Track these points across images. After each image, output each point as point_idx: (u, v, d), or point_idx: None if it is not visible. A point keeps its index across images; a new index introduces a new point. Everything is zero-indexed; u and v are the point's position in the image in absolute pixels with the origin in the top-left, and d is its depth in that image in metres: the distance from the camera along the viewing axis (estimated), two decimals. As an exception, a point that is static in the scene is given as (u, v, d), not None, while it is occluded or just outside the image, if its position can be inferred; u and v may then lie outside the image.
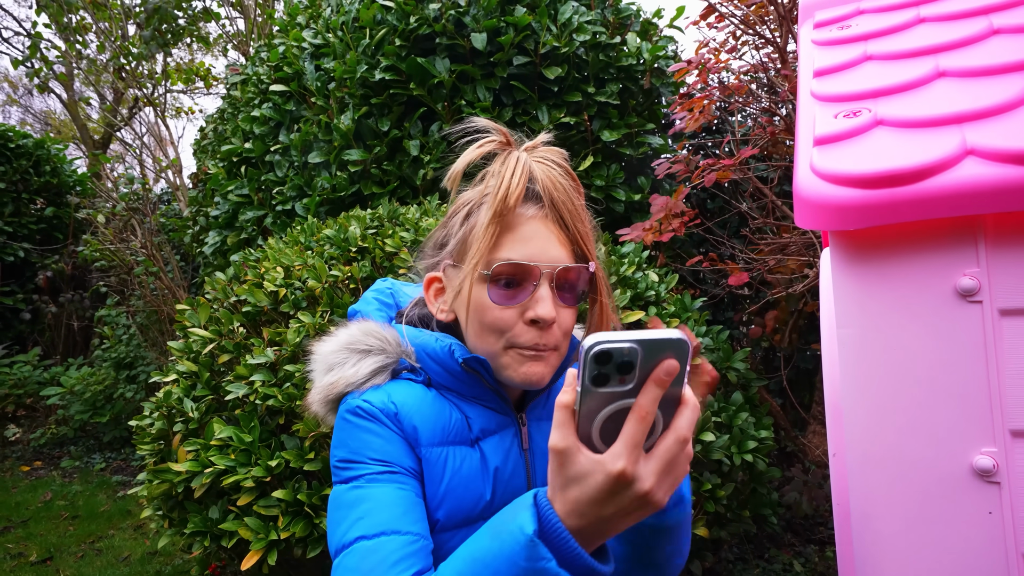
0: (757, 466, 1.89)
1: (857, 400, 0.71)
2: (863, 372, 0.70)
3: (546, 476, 0.92)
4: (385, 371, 0.85)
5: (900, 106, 0.73)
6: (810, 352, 3.52)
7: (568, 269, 0.82)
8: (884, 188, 0.63)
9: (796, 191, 0.71)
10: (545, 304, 0.79)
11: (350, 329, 0.87)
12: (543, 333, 0.80)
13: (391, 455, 0.80)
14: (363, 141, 2.99)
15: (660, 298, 2.00)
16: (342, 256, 1.94)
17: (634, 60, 3.12)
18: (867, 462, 0.71)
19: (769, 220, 2.46)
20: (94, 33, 5.20)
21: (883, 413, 0.69)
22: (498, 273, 0.80)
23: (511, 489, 0.89)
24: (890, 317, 0.67)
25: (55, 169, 6.51)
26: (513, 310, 0.80)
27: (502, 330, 0.80)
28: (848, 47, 0.91)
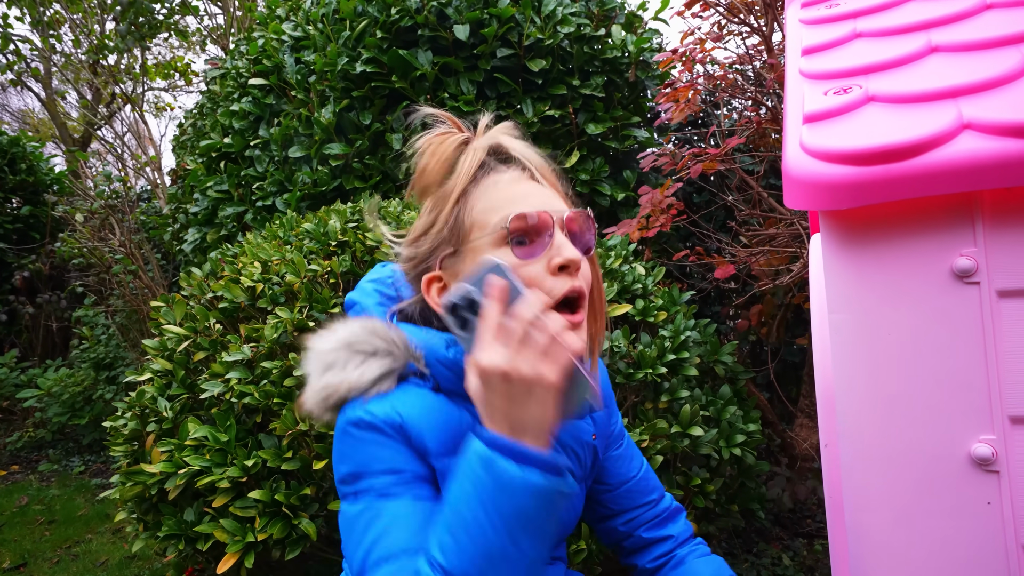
0: (745, 460, 1.87)
1: (850, 388, 0.69)
2: (856, 359, 0.67)
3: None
4: (392, 376, 0.79)
5: (892, 82, 0.70)
6: (796, 346, 3.51)
7: (573, 216, 0.81)
8: (877, 164, 0.60)
9: (785, 170, 0.68)
10: (568, 247, 0.77)
11: (351, 326, 0.82)
12: (573, 277, 0.77)
13: (402, 463, 0.75)
14: (344, 135, 2.94)
15: (647, 291, 1.98)
16: (321, 250, 1.90)
17: (619, 53, 3.09)
18: (860, 452, 0.68)
19: (756, 212, 2.45)
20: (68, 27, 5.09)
21: (877, 401, 0.66)
22: (514, 230, 0.76)
23: None
24: (884, 300, 0.64)
25: (31, 167, 6.37)
26: (538, 263, 0.76)
27: (531, 285, 0.75)
28: (837, 25, 0.89)
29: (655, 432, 1.66)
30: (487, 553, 0.64)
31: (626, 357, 1.76)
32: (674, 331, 1.85)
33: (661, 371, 1.72)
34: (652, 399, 1.77)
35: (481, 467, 0.66)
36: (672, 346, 1.81)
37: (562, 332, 0.68)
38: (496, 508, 0.64)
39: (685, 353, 1.81)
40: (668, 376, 1.80)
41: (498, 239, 0.77)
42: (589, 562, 1.60)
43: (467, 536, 0.65)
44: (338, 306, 1.71)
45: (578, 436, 0.95)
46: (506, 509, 0.64)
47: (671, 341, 1.82)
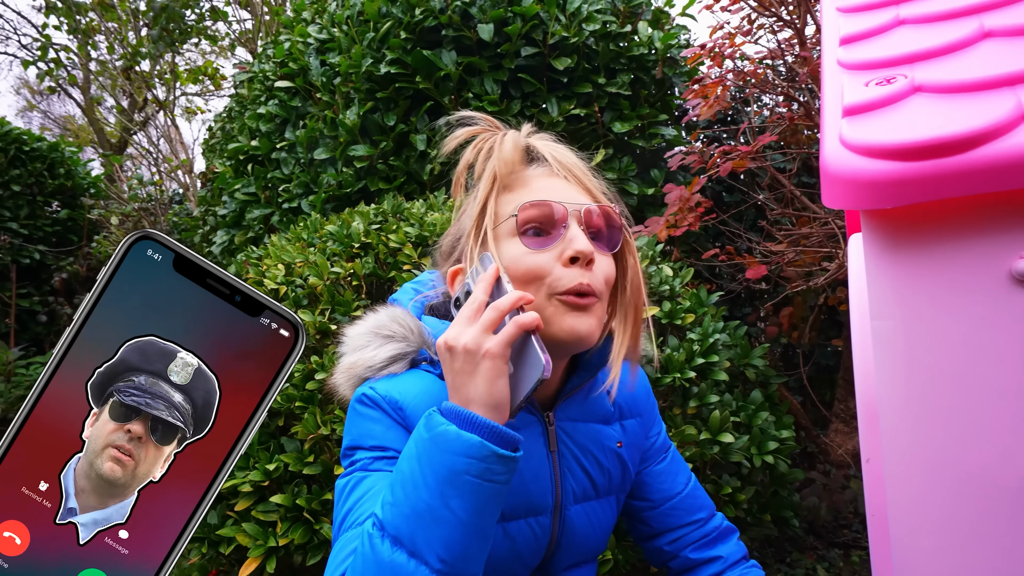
0: (778, 468, 1.80)
1: (895, 401, 0.64)
2: (902, 369, 0.62)
3: (578, 482, 0.87)
4: (404, 359, 0.84)
5: (941, 70, 0.65)
6: (830, 348, 3.41)
7: (594, 210, 0.79)
8: (926, 159, 0.55)
9: (823, 167, 0.63)
10: (581, 239, 0.75)
11: (379, 314, 0.86)
12: (585, 272, 0.76)
13: (390, 441, 0.78)
14: (369, 136, 2.94)
15: (675, 293, 1.92)
16: (344, 252, 1.89)
17: (646, 49, 3.03)
18: (907, 470, 0.63)
19: (788, 211, 2.37)
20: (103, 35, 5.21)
21: (925, 415, 0.61)
22: (525, 220, 0.77)
23: (532, 492, 0.83)
24: (933, 306, 0.59)
25: (69, 172, 6.54)
26: (548, 253, 0.76)
27: (540, 276, 0.76)
28: (878, 12, 0.83)
29: (683, 439, 1.61)
30: (416, 508, 0.65)
31: (653, 361, 1.71)
32: (703, 334, 1.80)
33: (690, 375, 1.67)
34: (680, 404, 1.72)
35: (424, 426, 0.68)
36: (701, 349, 1.76)
37: (515, 308, 0.70)
38: (430, 464, 0.65)
39: (714, 357, 1.76)
40: (697, 380, 1.75)
41: (512, 229, 0.77)
42: (616, 572, 1.55)
43: (402, 491, 0.67)
44: (360, 309, 1.69)
45: (599, 440, 0.91)
46: (439, 465, 0.65)
47: (700, 344, 1.77)
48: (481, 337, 0.69)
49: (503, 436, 0.67)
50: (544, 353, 0.69)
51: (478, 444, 0.65)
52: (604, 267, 0.79)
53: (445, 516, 0.64)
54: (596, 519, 0.90)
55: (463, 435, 0.65)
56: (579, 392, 0.89)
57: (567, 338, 0.76)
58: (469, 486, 0.65)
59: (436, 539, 0.64)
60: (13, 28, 11.63)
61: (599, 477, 0.90)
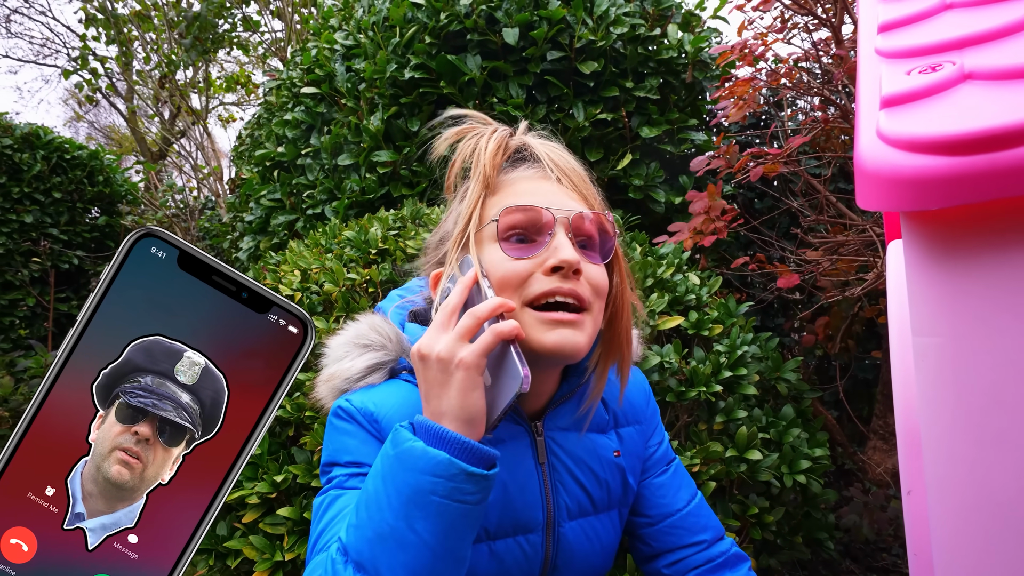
0: (811, 488, 1.70)
1: (939, 426, 0.56)
2: (949, 393, 0.55)
3: (572, 496, 0.81)
4: (382, 368, 0.80)
5: (995, 55, 0.58)
6: (869, 360, 3.27)
7: (584, 216, 0.74)
8: (979, 153, 0.48)
9: (858, 163, 0.56)
10: (566, 248, 0.70)
11: (359, 323, 0.83)
12: (566, 280, 0.70)
13: (365, 456, 0.74)
14: (393, 142, 2.92)
15: (702, 302, 1.84)
16: (362, 259, 1.85)
17: (675, 53, 2.96)
18: (954, 504, 0.56)
19: (822, 218, 2.27)
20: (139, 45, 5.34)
21: (976, 445, 0.54)
22: (508, 226, 0.72)
23: (519, 508, 0.78)
24: (986, 323, 0.52)
25: (108, 179, 6.71)
26: (529, 261, 0.71)
27: (515, 284, 0.71)
28: (921, -3, 0.76)
29: (708, 456, 1.53)
30: (379, 531, 0.61)
31: (678, 374, 1.63)
32: (730, 346, 1.71)
33: (716, 389, 1.59)
34: (706, 419, 1.64)
35: (390, 441, 0.64)
36: (728, 362, 1.67)
37: (495, 316, 0.66)
38: (394, 483, 0.61)
39: (743, 370, 1.67)
40: (724, 395, 1.66)
41: (494, 234, 0.73)
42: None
43: (367, 512, 0.62)
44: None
45: (595, 451, 0.85)
46: (402, 484, 0.61)
47: (727, 357, 1.69)
48: (455, 346, 0.65)
49: (475, 452, 0.62)
50: (523, 365, 0.64)
51: (446, 462, 0.61)
52: (595, 276, 0.74)
53: (410, 539, 0.60)
54: (595, 536, 0.84)
55: (429, 451, 0.61)
56: (570, 400, 0.84)
57: (552, 350, 0.71)
58: (435, 507, 0.60)
59: (399, 565, 0.59)
60: (63, 42, 12.04)
61: (596, 491, 0.84)
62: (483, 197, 0.76)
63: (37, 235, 6.02)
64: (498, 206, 0.74)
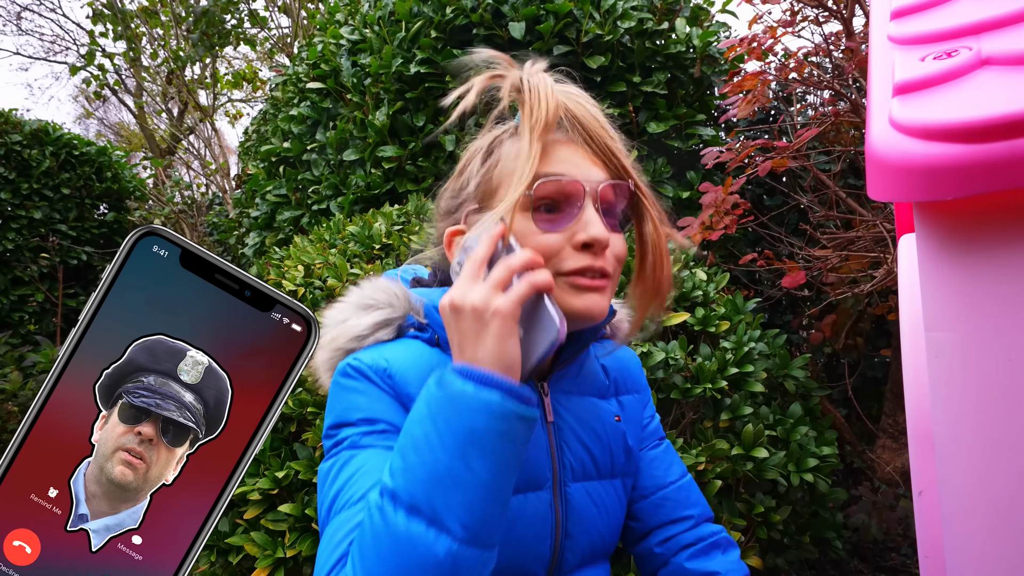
0: (818, 487, 1.68)
1: (954, 426, 0.54)
2: (965, 391, 0.53)
3: (576, 457, 0.80)
4: (390, 325, 0.78)
5: (1015, 40, 0.56)
6: (878, 358, 3.23)
7: (609, 188, 0.73)
8: (998, 140, 0.46)
9: (869, 152, 0.55)
10: (596, 224, 0.70)
11: (362, 288, 0.81)
12: (596, 257, 0.71)
13: (379, 412, 0.71)
14: (398, 137, 2.90)
15: (709, 299, 1.82)
16: (365, 254, 1.84)
17: (683, 47, 2.93)
18: (968, 508, 0.54)
19: (832, 214, 2.24)
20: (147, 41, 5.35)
21: (992, 444, 0.52)
22: (539, 195, 0.71)
23: (531, 463, 0.77)
24: (1003, 316, 0.50)
25: (116, 175, 6.73)
26: (559, 235, 0.71)
27: (547, 257, 0.70)
28: (936, -17, 0.74)
29: (714, 453, 1.51)
30: (434, 471, 0.59)
31: (683, 370, 1.61)
32: (737, 342, 1.69)
33: (722, 386, 1.57)
34: (712, 417, 1.62)
35: (436, 385, 0.63)
36: (735, 359, 1.65)
37: (526, 267, 0.65)
38: (447, 425, 0.60)
39: (749, 367, 1.65)
40: (730, 392, 1.64)
41: (523, 203, 0.71)
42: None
43: (416, 455, 0.60)
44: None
45: (597, 414, 0.85)
46: (457, 426, 0.60)
47: (734, 353, 1.66)
48: (490, 294, 0.63)
49: (521, 395, 0.62)
50: (559, 314, 0.64)
51: (498, 402, 0.60)
52: (616, 246, 0.74)
53: (467, 479, 0.59)
54: (601, 503, 0.83)
55: (482, 392, 0.60)
56: (572, 365, 0.83)
57: (578, 315, 0.71)
58: (491, 445, 0.60)
59: (458, 504, 0.58)
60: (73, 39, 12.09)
61: (600, 453, 0.84)
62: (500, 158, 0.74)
63: (46, 231, 6.05)
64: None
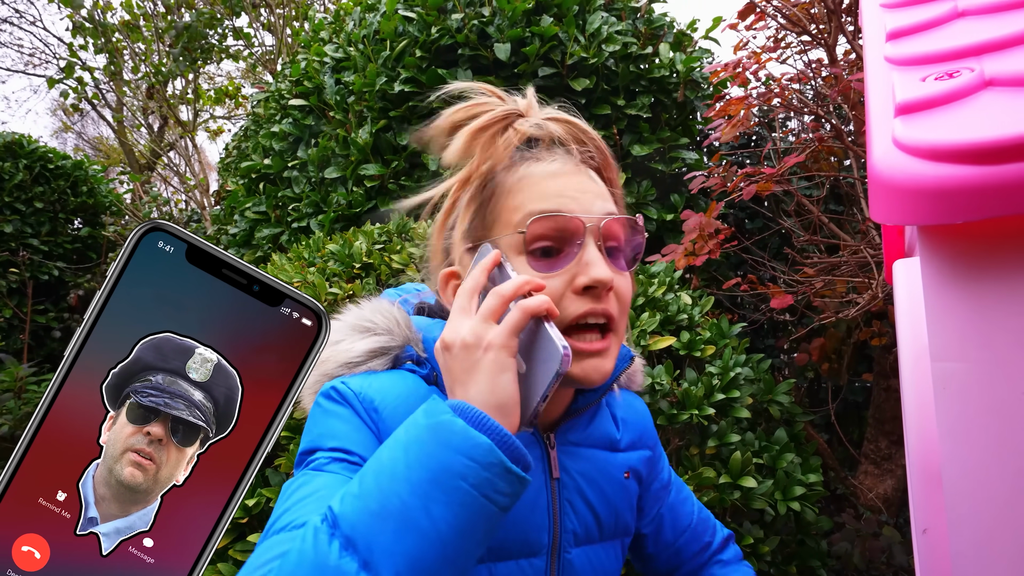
0: (805, 516, 1.65)
1: (964, 460, 0.52)
2: (975, 423, 0.50)
3: (580, 519, 0.75)
4: (387, 355, 0.71)
5: (1018, 61, 0.54)
6: (859, 384, 3.24)
7: (616, 222, 0.67)
8: (1010, 162, 0.44)
9: (872, 174, 0.52)
10: (598, 265, 0.64)
11: (361, 307, 0.75)
12: (598, 300, 0.65)
13: (355, 444, 0.64)
14: (381, 155, 2.88)
15: (694, 322, 1.80)
16: (345, 273, 1.80)
17: (667, 72, 2.95)
18: (982, 549, 0.51)
19: (815, 238, 2.24)
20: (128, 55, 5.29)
21: (1008, 483, 0.49)
22: (533, 236, 0.64)
23: (528, 527, 0.70)
24: (1017, 346, 0.48)
25: (92, 190, 6.61)
26: (558, 279, 0.65)
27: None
28: (931, 5, 0.73)
29: (701, 482, 1.48)
30: (386, 505, 0.51)
31: (669, 396, 1.58)
32: (723, 367, 1.67)
33: (708, 412, 1.54)
34: (698, 444, 1.59)
35: (423, 413, 0.56)
36: (721, 384, 1.63)
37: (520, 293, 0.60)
38: (419, 456, 0.52)
39: (735, 392, 1.63)
40: (716, 418, 1.62)
41: (516, 245, 0.65)
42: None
43: (374, 481, 0.53)
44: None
45: (606, 470, 0.78)
46: (429, 460, 0.52)
47: (720, 379, 1.64)
48: (481, 327, 0.58)
49: (515, 450, 0.54)
50: (561, 340, 0.58)
51: (486, 447, 0.52)
52: (623, 289, 0.68)
53: (422, 525, 0.50)
54: (600, 566, 0.77)
55: (471, 432, 0.53)
56: (583, 415, 0.77)
57: (578, 383, 0.66)
58: (461, 494, 0.51)
59: (401, 552, 0.50)
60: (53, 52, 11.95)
61: (605, 514, 0.77)
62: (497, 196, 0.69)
63: (16, 245, 5.90)
64: (521, 209, 0.66)
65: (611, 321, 0.66)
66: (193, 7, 4.52)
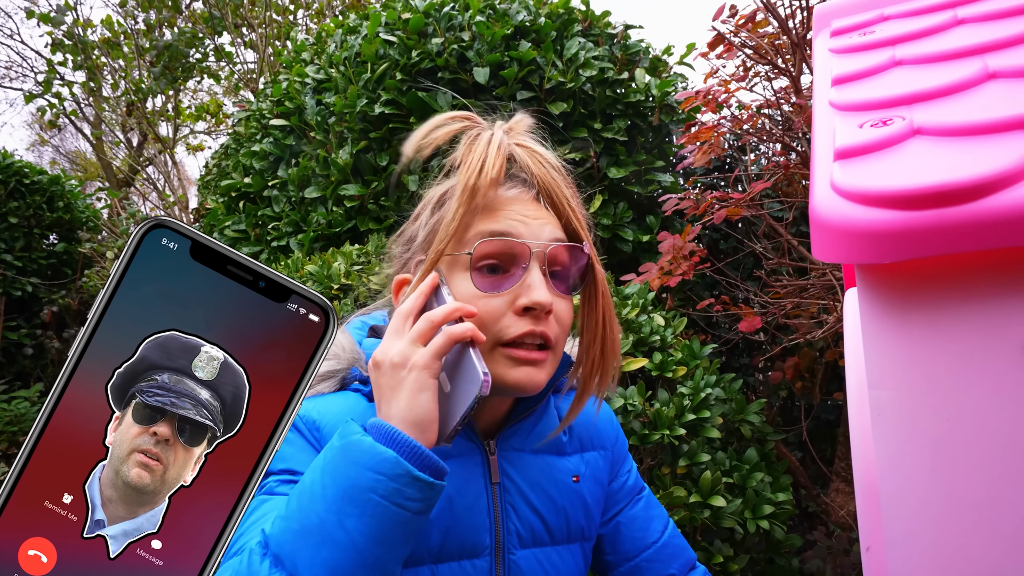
0: (775, 534, 1.69)
1: (899, 484, 0.55)
2: (908, 448, 0.54)
3: (524, 522, 0.77)
4: (333, 377, 0.77)
5: (944, 112, 0.59)
6: (831, 401, 3.30)
7: (561, 249, 0.72)
8: (930, 208, 0.48)
9: (813, 215, 0.56)
10: (539, 289, 0.69)
11: None
12: (538, 322, 0.69)
13: (301, 465, 0.69)
14: (361, 176, 2.90)
15: (666, 343, 1.84)
16: (324, 293, 1.81)
17: (642, 96, 3.03)
18: (916, 566, 0.54)
19: (785, 261, 2.31)
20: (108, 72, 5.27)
21: (937, 504, 0.53)
22: (481, 255, 0.69)
23: (466, 530, 0.73)
24: (945, 376, 0.52)
25: (68, 205, 6.54)
26: (500, 298, 0.69)
27: (487, 324, 0.69)
28: (872, 53, 0.78)
29: (672, 501, 1.51)
30: (306, 524, 0.57)
31: (641, 416, 1.62)
32: (694, 388, 1.71)
33: (680, 432, 1.58)
34: (669, 463, 1.62)
35: (337, 435, 0.61)
36: (692, 404, 1.67)
37: (449, 319, 0.65)
38: (333, 476, 0.58)
39: (706, 412, 1.66)
40: (687, 438, 1.65)
41: (463, 263, 0.70)
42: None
43: (297, 503, 0.58)
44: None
45: (551, 474, 0.81)
46: (340, 478, 0.57)
47: (691, 399, 1.68)
48: (408, 349, 0.63)
49: (423, 458, 0.59)
50: (482, 366, 0.63)
51: (392, 460, 0.57)
52: (562, 312, 0.72)
53: (337, 536, 0.56)
54: (554, 570, 0.79)
55: (377, 447, 0.58)
56: (526, 420, 0.81)
57: (511, 388, 0.70)
58: (372, 506, 0.56)
59: (320, 562, 0.55)
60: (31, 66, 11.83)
61: (552, 517, 0.80)
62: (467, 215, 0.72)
63: (-11, 261, 5.80)
64: (473, 228, 0.71)
65: (548, 342, 0.71)
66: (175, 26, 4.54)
